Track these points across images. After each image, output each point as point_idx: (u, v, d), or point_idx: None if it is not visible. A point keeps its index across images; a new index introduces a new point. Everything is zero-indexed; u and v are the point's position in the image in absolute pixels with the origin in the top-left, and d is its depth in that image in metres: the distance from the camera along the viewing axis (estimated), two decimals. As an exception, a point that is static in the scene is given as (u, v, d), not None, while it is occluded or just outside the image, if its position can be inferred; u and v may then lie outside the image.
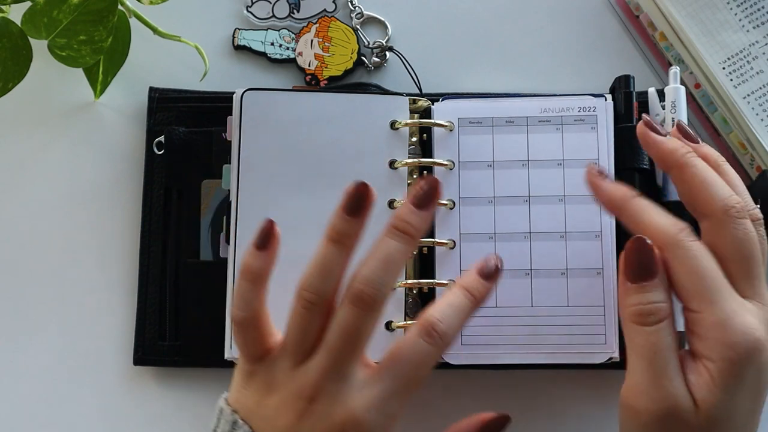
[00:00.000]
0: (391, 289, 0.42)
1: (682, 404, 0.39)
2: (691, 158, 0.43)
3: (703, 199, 0.42)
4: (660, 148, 0.44)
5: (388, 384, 0.41)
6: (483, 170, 0.51)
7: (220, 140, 0.53)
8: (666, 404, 0.40)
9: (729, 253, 0.41)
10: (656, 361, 0.40)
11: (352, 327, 0.41)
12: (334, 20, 0.58)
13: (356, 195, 0.42)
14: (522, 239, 0.50)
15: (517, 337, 0.49)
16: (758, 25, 0.54)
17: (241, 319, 0.43)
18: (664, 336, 0.40)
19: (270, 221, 0.44)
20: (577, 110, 0.51)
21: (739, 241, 0.41)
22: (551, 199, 0.50)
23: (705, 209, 0.42)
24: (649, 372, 0.40)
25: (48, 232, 0.56)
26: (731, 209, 0.41)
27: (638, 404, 0.40)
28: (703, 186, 0.42)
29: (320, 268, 0.42)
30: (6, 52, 0.51)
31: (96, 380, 0.54)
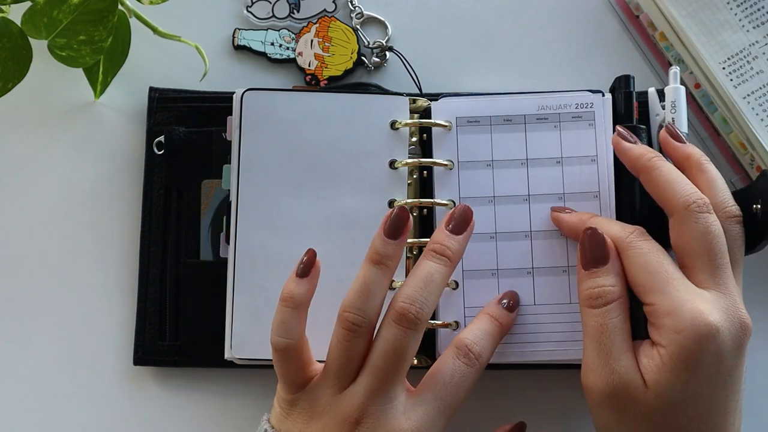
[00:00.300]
0: (432, 309, 0.43)
1: (629, 381, 0.42)
2: (656, 161, 0.46)
3: (666, 197, 0.45)
4: (629, 155, 0.47)
5: (431, 405, 0.43)
6: (482, 170, 0.51)
7: (220, 140, 0.53)
8: (612, 380, 0.42)
9: (690, 246, 0.43)
10: (603, 340, 0.43)
11: (397, 346, 0.42)
12: (334, 20, 0.58)
13: (397, 219, 0.44)
14: (523, 238, 0.50)
15: (520, 336, 0.49)
16: (758, 25, 0.54)
17: (283, 347, 0.44)
18: (612, 317, 0.43)
19: (312, 251, 0.45)
20: (574, 107, 0.51)
21: (698, 234, 0.43)
22: (551, 198, 0.50)
23: (668, 206, 0.45)
24: (597, 351, 0.43)
25: (48, 232, 0.56)
26: (692, 204, 0.43)
27: (590, 382, 0.43)
28: (667, 185, 0.45)
29: (362, 289, 0.43)
30: (6, 52, 0.51)
31: (96, 380, 0.54)
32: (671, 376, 0.41)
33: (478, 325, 0.46)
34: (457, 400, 0.43)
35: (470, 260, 0.50)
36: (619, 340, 0.43)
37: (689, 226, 0.43)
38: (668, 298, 0.42)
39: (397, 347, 0.42)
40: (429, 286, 0.43)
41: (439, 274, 0.44)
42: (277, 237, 0.50)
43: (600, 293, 0.44)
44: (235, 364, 0.50)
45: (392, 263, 0.44)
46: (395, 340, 0.42)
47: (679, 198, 0.44)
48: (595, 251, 0.44)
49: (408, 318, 0.42)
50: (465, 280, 0.50)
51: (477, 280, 0.50)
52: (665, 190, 0.45)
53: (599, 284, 0.44)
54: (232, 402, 0.53)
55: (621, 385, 0.42)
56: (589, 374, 0.43)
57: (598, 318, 0.43)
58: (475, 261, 0.50)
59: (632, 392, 0.42)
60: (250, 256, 0.50)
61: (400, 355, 0.42)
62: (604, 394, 0.42)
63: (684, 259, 0.44)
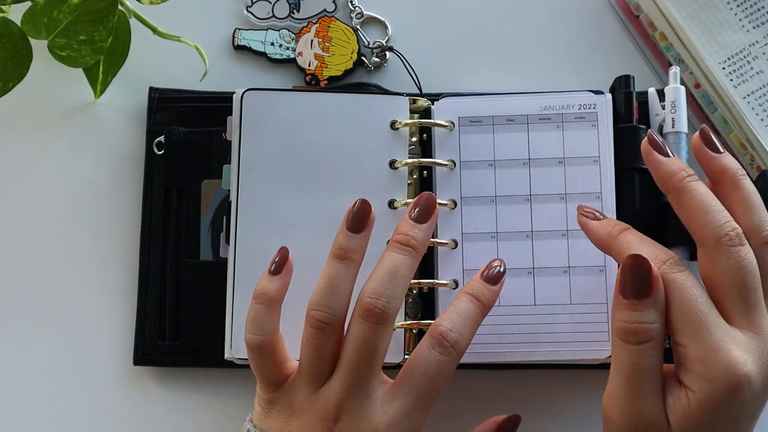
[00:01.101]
0: (400, 302, 0.43)
1: (653, 422, 0.40)
2: (688, 183, 0.42)
3: (697, 225, 0.42)
4: (660, 171, 0.44)
5: (408, 398, 0.42)
6: (484, 170, 0.51)
7: (220, 140, 0.53)
8: (636, 421, 0.40)
9: (722, 282, 0.41)
10: (633, 379, 0.40)
11: (366, 342, 0.42)
12: (334, 20, 0.58)
13: (359, 213, 0.44)
14: (524, 238, 0.50)
15: (520, 336, 0.49)
16: (758, 25, 0.54)
17: (257, 344, 0.43)
18: (646, 357, 0.40)
19: (285, 249, 0.45)
20: (577, 107, 0.51)
21: (731, 270, 0.40)
22: (553, 198, 0.50)
23: (698, 235, 0.42)
24: (625, 388, 0.40)
25: (48, 232, 0.56)
26: (723, 237, 0.41)
27: (612, 415, 0.41)
28: (698, 212, 0.42)
29: (327, 286, 0.43)
30: (6, 52, 0.51)
31: (96, 380, 0.54)
32: (696, 422, 0.39)
33: (455, 308, 0.44)
34: (434, 391, 0.42)
35: (471, 260, 0.50)
36: (651, 381, 0.40)
37: (721, 261, 0.40)
38: (701, 343, 0.39)
39: (367, 343, 0.42)
40: (395, 279, 0.42)
41: (404, 266, 0.43)
42: (277, 237, 0.50)
43: (638, 330, 0.40)
44: (235, 364, 0.50)
45: (356, 257, 0.43)
46: (364, 336, 0.41)
47: (711, 230, 0.41)
48: (640, 283, 0.40)
49: (375, 313, 0.41)
50: (465, 280, 0.50)
51: None
52: (696, 218, 0.42)
53: (637, 320, 0.40)
54: (232, 402, 0.53)
55: (644, 425, 0.40)
56: (612, 407, 0.41)
57: (631, 356, 0.40)
58: (475, 260, 0.50)
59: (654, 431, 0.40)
60: (250, 256, 0.50)
61: (371, 351, 0.42)
62: (626, 429, 0.41)
63: (715, 292, 0.41)
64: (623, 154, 0.51)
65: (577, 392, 0.53)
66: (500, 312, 0.50)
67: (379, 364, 0.42)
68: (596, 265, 0.49)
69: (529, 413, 0.52)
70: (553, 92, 0.52)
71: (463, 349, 0.43)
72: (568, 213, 0.50)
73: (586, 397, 0.53)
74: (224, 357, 0.50)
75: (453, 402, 0.54)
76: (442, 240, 0.51)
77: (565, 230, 0.50)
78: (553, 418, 0.53)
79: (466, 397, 0.53)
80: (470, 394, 0.53)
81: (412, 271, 0.44)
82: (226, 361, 0.50)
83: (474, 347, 0.50)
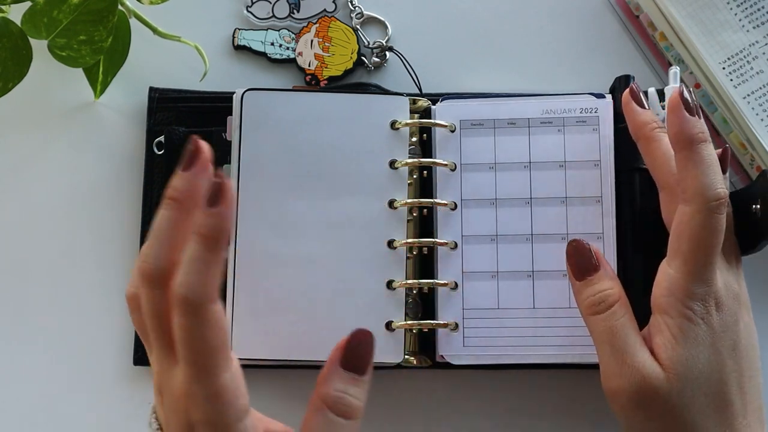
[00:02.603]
0: (167, 257, 0.38)
1: (650, 374, 0.42)
2: (657, 133, 0.47)
3: (662, 172, 0.46)
4: (635, 119, 0.48)
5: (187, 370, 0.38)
6: (485, 172, 0.51)
7: (220, 140, 0.53)
8: (635, 378, 0.42)
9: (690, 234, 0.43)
10: (616, 342, 0.43)
11: (154, 309, 0.38)
12: (334, 20, 0.58)
13: (191, 150, 0.39)
14: (524, 241, 0.50)
15: (519, 338, 0.50)
16: (758, 25, 0.54)
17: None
18: (618, 317, 0.43)
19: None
20: (579, 111, 0.51)
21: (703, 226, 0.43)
22: (553, 201, 0.50)
23: (662, 182, 0.46)
24: (613, 354, 0.43)
25: (48, 232, 0.56)
26: (713, 197, 0.43)
27: (613, 386, 0.43)
28: (664, 160, 0.46)
29: (152, 233, 0.39)
30: (6, 52, 0.51)
31: (96, 380, 0.54)
32: (683, 350, 0.42)
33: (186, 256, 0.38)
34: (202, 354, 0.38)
35: (470, 261, 0.50)
36: (632, 336, 0.43)
37: (712, 223, 0.43)
38: (690, 278, 0.43)
39: (155, 310, 0.38)
40: (157, 236, 0.38)
41: (165, 220, 0.39)
42: (277, 237, 0.50)
43: (601, 298, 0.44)
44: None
45: (182, 197, 0.39)
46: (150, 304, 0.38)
47: (709, 191, 0.43)
48: (585, 262, 0.45)
49: (144, 275, 0.38)
50: (465, 282, 0.50)
51: (476, 282, 0.50)
52: (662, 165, 0.46)
53: (597, 290, 0.44)
54: (232, 402, 0.53)
55: (644, 379, 0.42)
56: (611, 379, 0.43)
57: (605, 322, 0.43)
58: (475, 263, 0.50)
59: (655, 383, 0.42)
60: (250, 256, 0.50)
61: (163, 318, 0.38)
62: (631, 393, 0.42)
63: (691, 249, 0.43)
64: (623, 154, 0.51)
65: (576, 392, 0.53)
66: (499, 315, 0.50)
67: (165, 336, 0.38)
68: None
69: (528, 413, 0.52)
70: (554, 95, 0.52)
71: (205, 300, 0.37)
72: (568, 217, 0.50)
73: (584, 397, 0.53)
74: (224, 357, 0.50)
75: (448, 402, 0.54)
76: (443, 240, 0.51)
77: (565, 234, 0.50)
78: (552, 419, 0.53)
79: (463, 398, 0.53)
80: (468, 395, 0.53)
81: (175, 223, 0.39)
82: (226, 361, 0.50)
83: (473, 349, 0.50)
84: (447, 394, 0.54)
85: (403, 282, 0.50)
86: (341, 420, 0.39)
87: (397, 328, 0.49)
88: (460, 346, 0.50)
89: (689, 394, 0.42)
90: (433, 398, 0.54)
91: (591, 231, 0.50)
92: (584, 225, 0.50)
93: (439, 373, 0.53)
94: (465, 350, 0.50)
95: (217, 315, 0.37)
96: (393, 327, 0.50)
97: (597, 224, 0.50)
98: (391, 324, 0.50)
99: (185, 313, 0.37)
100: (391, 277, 0.50)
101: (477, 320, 0.50)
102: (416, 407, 0.54)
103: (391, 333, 0.50)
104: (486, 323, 0.50)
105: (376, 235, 0.50)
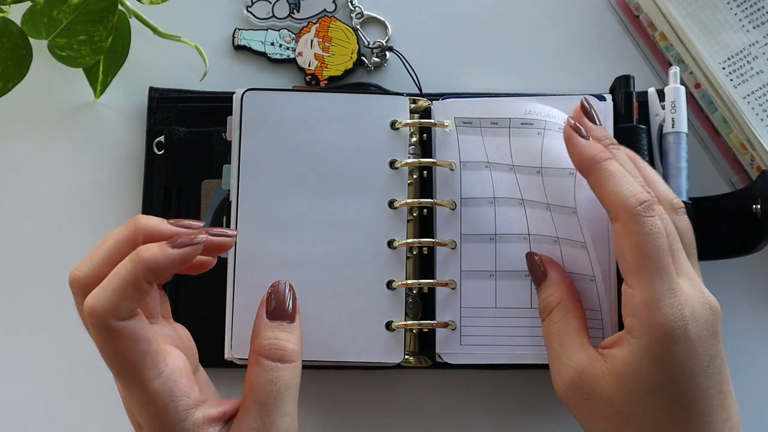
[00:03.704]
0: (100, 277, 0.40)
1: (585, 371, 0.42)
2: (605, 161, 0.44)
3: (611, 199, 0.43)
4: (577, 152, 0.45)
5: None
6: (481, 170, 0.51)
7: (220, 140, 0.53)
8: (568, 374, 0.43)
9: (645, 247, 0.42)
10: (553, 345, 0.45)
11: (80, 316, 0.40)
12: (334, 20, 0.58)
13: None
14: (522, 240, 0.50)
15: (516, 338, 0.49)
16: (758, 25, 0.54)
17: (72, 278, 0.40)
18: (555, 323, 0.45)
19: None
20: (563, 121, 0.48)
21: (658, 232, 0.42)
22: (538, 205, 0.49)
23: (613, 209, 0.43)
24: (551, 355, 0.45)
25: (48, 232, 0.56)
26: (639, 206, 0.42)
27: (555, 385, 0.44)
28: (612, 185, 0.43)
29: (98, 245, 0.42)
30: (6, 52, 0.51)
31: (96, 380, 0.54)
32: (635, 368, 0.41)
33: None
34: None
35: (468, 261, 0.50)
36: (567, 339, 0.44)
37: (644, 227, 0.42)
38: (651, 290, 0.41)
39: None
40: (100, 248, 0.41)
41: (113, 237, 0.41)
42: (277, 237, 0.50)
43: (543, 305, 0.46)
44: (235, 364, 0.50)
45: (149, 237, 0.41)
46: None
47: (627, 199, 0.42)
48: (536, 272, 0.48)
49: (71, 282, 0.40)
50: (462, 281, 0.50)
51: (474, 281, 0.50)
52: (610, 192, 0.43)
53: (542, 298, 0.47)
54: (232, 402, 0.53)
55: (578, 376, 0.43)
56: (553, 378, 0.45)
57: (546, 327, 0.46)
58: (473, 262, 0.50)
59: (592, 381, 0.42)
60: (250, 256, 0.50)
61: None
62: (566, 388, 0.43)
63: (636, 260, 0.42)
64: (623, 154, 0.51)
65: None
66: (496, 314, 0.50)
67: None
68: (587, 274, 0.48)
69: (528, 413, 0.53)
70: (556, 95, 0.52)
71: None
72: (554, 221, 0.49)
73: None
74: (224, 357, 0.50)
75: (447, 402, 0.54)
76: (442, 240, 0.51)
77: (556, 237, 0.49)
78: (551, 418, 0.53)
79: (462, 398, 0.53)
80: (467, 394, 0.53)
81: (122, 244, 0.41)
82: (226, 361, 0.50)
83: (469, 348, 0.50)
84: (447, 394, 0.54)
85: (403, 282, 0.50)
86: (278, 364, 0.41)
87: (396, 328, 0.49)
88: (457, 345, 0.50)
89: (635, 402, 0.41)
90: (433, 398, 0.54)
91: (575, 238, 0.48)
92: (569, 231, 0.48)
93: (438, 373, 0.53)
94: (462, 349, 0.50)
95: (131, 329, 0.38)
96: (393, 327, 0.50)
97: (578, 233, 0.48)
98: (391, 324, 0.50)
99: (92, 325, 0.38)
100: (391, 277, 0.50)
101: (474, 319, 0.50)
102: (416, 407, 0.54)
103: (391, 333, 0.50)
104: (483, 322, 0.50)
105: (376, 235, 0.50)
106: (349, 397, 0.54)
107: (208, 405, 0.40)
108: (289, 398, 0.40)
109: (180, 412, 0.39)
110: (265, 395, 0.40)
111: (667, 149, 0.52)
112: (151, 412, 0.39)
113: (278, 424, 0.40)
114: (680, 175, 0.51)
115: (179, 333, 0.45)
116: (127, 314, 0.38)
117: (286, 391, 0.40)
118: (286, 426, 0.40)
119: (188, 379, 0.40)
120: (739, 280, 0.54)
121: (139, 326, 0.39)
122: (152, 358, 0.39)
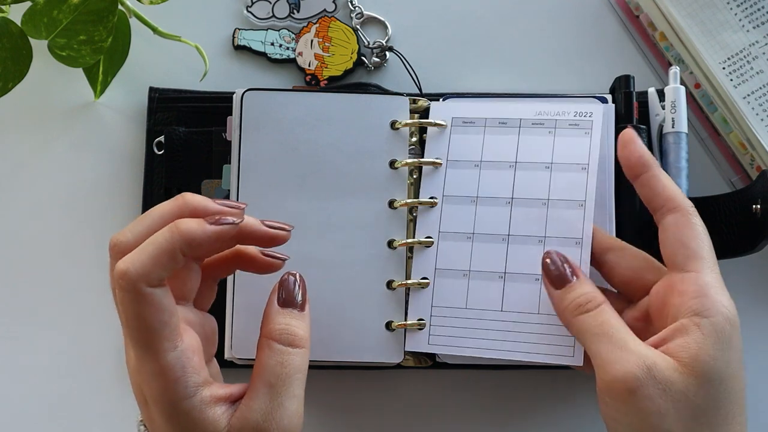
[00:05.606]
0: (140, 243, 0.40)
1: (660, 362, 0.40)
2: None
3: (669, 197, 0.45)
4: (641, 150, 0.47)
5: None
6: (469, 170, 0.51)
7: (220, 140, 0.53)
8: (643, 362, 0.40)
9: (699, 242, 0.44)
10: (614, 333, 0.42)
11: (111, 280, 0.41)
12: (334, 20, 0.58)
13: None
14: (500, 241, 0.50)
15: (485, 341, 0.49)
16: (758, 25, 0.54)
17: (112, 243, 0.40)
18: (612, 314, 0.43)
19: None
20: (573, 114, 0.50)
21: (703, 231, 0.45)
22: (534, 203, 0.50)
23: (672, 205, 0.45)
24: (612, 343, 0.41)
25: (48, 232, 0.56)
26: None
27: (617, 373, 0.41)
28: (670, 182, 0.46)
29: (144, 215, 0.42)
30: (6, 52, 0.51)
31: (96, 380, 0.54)
32: (713, 350, 0.40)
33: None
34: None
35: (444, 258, 0.50)
36: (623, 332, 0.42)
37: (700, 220, 0.45)
38: (713, 273, 0.43)
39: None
40: (144, 217, 0.41)
41: (161, 209, 0.42)
42: (277, 237, 0.50)
43: (588, 297, 0.44)
44: (235, 364, 0.50)
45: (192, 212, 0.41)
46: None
47: (685, 197, 0.45)
48: (564, 270, 0.45)
49: (111, 245, 0.40)
50: (436, 278, 0.50)
51: (447, 279, 0.50)
52: (670, 189, 0.45)
53: (582, 292, 0.44)
54: (232, 402, 0.53)
55: (654, 365, 0.40)
56: (612, 366, 0.41)
57: (597, 317, 0.43)
58: (448, 260, 0.50)
59: (667, 373, 0.40)
60: (250, 256, 0.50)
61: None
62: (636, 377, 0.40)
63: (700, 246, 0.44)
64: (623, 154, 0.51)
65: (574, 392, 0.53)
66: (466, 315, 0.49)
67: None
68: None
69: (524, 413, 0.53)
70: (557, 96, 0.52)
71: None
72: (549, 219, 0.49)
73: (582, 397, 0.53)
74: (224, 357, 0.50)
75: (444, 401, 0.54)
76: (420, 238, 0.50)
77: (543, 237, 0.49)
78: (547, 418, 0.53)
79: (458, 397, 0.54)
80: (463, 394, 0.54)
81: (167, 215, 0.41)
82: (226, 361, 0.50)
83: (437, 348, 0.49)
84: (447, 394, 0.54)
85: (403, 282, 0.50)
86: (288, 348, 0.41)
87: (397, 328, 0.50)
88: (425, 343, 0.50)
89: (710, 389, 0.40)
90: (433, 398, 0.54)
91: (570, 236, 0.49)
92: (564, 229, 0.49)
93: (439, 373, 0.53)
94: (429, 348, 0.49)
95: (157, 298, 0.39)
96: (393, 327, 0.50)
97: (577, 229, 0.49)
98: (391, 324, 0.50)
99: (121, 288, 0.38)
100: (391, 277, 0.50)
101: (444, 318, 0.50)
102: (416, 407, 0.54)
103: (391, 333, 0.50)
104: (453, 322, 0.49)
105: (376, 235, 0.50)
106: (349, 397, 0.54)
107: (217, 386, 0.41)
108: (298, 382, 0.41)
109: (189, 388, 0.39)
110: (275, 377, 0.40)
111: (667, 149, 0.52)
112: (161, 384, 0.39)
113: (286, 406, 0.40)
114: (680, 175, 0.51)
115: (205, 321, 0.45)
116: (156, 281, 0.39)
117: (295, 374, 0.41)
118: (294, 408, 0.40)
119: (200, 359, 0.41)
120: (739, 280, 0.54)
121: (164, 297, 0.39)
122: (171, 331, 0.39)
